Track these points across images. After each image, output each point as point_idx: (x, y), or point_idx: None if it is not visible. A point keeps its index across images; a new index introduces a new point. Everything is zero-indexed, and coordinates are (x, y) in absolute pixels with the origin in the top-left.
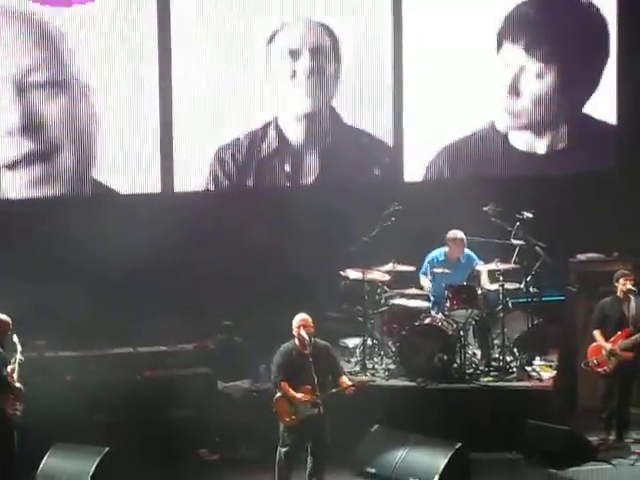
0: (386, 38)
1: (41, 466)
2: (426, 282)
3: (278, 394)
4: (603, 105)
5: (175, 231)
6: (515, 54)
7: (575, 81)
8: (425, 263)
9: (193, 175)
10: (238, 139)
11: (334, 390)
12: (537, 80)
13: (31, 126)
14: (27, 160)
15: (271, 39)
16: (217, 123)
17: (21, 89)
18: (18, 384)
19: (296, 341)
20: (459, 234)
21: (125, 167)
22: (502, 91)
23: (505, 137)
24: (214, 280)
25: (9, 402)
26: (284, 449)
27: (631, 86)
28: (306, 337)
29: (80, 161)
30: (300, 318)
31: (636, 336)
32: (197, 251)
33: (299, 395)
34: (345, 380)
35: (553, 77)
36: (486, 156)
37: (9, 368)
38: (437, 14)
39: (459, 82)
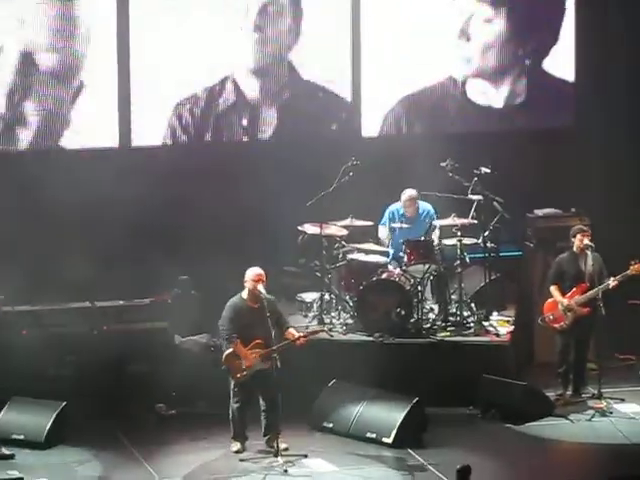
0: None
1: None
2: (384, 232)
3: (228, 350)
4: (561, 62)
5: (133, 186)
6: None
7: (528, 29)
8: (385, 215)
9: (151, 130)
10: (196, 94)
11: (285, 342)
12: (490, 27)
13: None
14: None
15: None
16: (175, 78)
17: None
18: None
19: (245, 295)
20: (413, 193)
21: (83, 122)
22: (455, 39)
23: (463, 90)
24: (172, 234)
25: None
26: (236, 404)
27: (589, 44)
28: (262, 291)
29: (39, 118)
30: (255, 272)
31: (592, 291)
32: (155, 205)
33: (250, 350)
34: (293, 332)
35: (504, 23)
36: (444, 110)
37: None
38: None
39: (417, 35)
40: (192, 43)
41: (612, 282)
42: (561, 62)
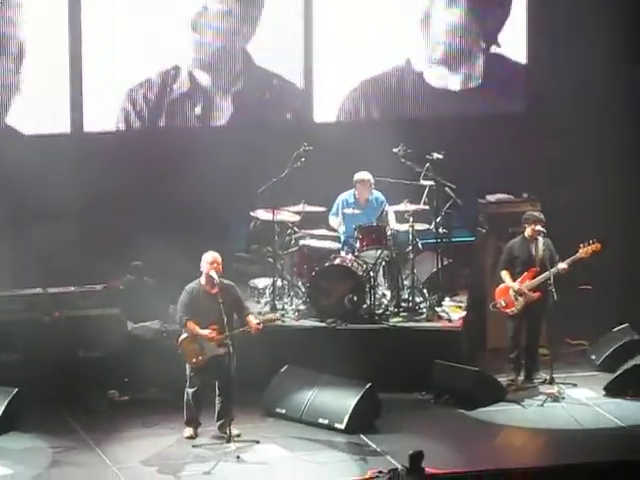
0: None
1: None
2: (335, 222)
3: (184, 335)
4: (514, 44)
5: (85, 172)
6: None
7: (485, 10)
8: (334, 205)
9: (103, 115)
10: (150, 79)
11: (241, 329)
12: (449, 8)
13: None
14: None
15: None
16: (128, 62)
17: None
18: None
19: (202, 280)
20: (366, 175)
21: (34, 107)
22: (415, 23)
23: (420, 74)
24: (124, 220)
25: None
26: (191, 390)
27: (540, 25)
28: (215, 277)
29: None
30: (210, 257)
31: (542, 276)
32: (107, 192)
33: (206, 332)
34: (252, 319)
35: (463, 6)
36: (400, 95)
37: None
38: None
39: (372, 19)
40: (145, 28)
41: (563, 265)
42: (514, 44)
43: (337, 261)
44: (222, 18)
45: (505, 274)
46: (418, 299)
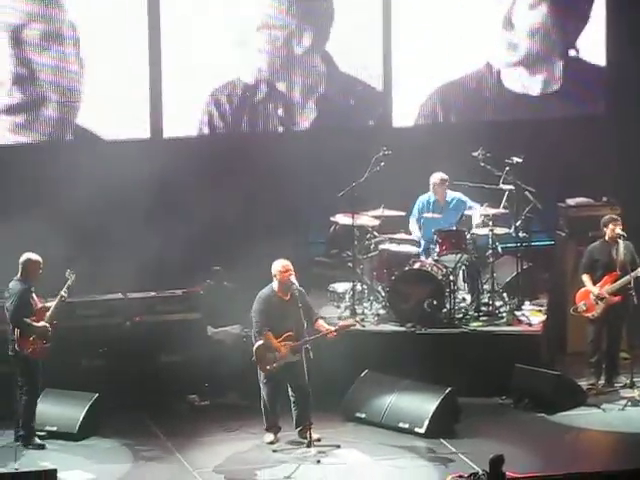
0: None
1: None
2: (414, 226)
3: (259, 342)
4: (593, 48)
5: (167, 176)
6: None
7: (567, 12)
8: (414, 207)
9: (185, 119)
10: (233, 82)
11: (315, 336)
12: (530, 11)
13: (23, 77)
14: (14, 108)
15: None
16: (210, 65)
17: (17, 41)
18: (42, 323)
19: (275, 287)
20: (441, 175)
21: (113, 112)
22: (496, 26)
23: (499, 78)
24: (205, 225)
25: (27, 343)
26: (267, 397)
27: (620, 28)
28: (295, 282)
29: (67, 108)
30: (282, 264)
31: (623, 279)
32: (189, 196)
33: (282, 342)
34: (323, 324)
35: (546, 7)
36: (479, 98)
37: (47, 305)
38: None
39: (452, 21)
40: (228, 30)
41: None
42: (593, 47)
43: (417, 265)
44: (303, 21)
45: (586, 278)
46: (498, 303)
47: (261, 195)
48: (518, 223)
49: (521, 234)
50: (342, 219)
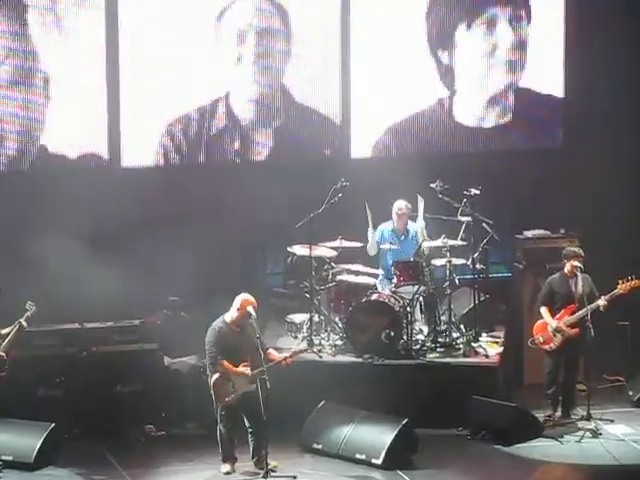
0: (334, 16)
1: None
2: (372, 238)
3: (216, 375)
4: (550, 79)
5: (122, 206)
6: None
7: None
8: (376, 233)
9: (141, 150)
10: (188, 114)
11: (272, 363)
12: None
13: None
14: None
15: (221, 15)
16: (166, 98)
17: None
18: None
19: (227, 318)
20: (403, 203)
21: (72, 141)
22: (444, 60)
23: (452, 113)
24: (161, 255)
25: None
26: (224, 428)
27: (579, 59)
28: (253, 314)
29: (27, 136)
30: (247, 298)
31: (581, 312)
32: (145, 226)
33: (241, 369)
34: (274, 353)
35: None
36: (433, 133)
37: (2, 333)
38: None
39: (406, 60)
40: (183, 63)
41: (602, 302)
42: (550, 79)
43: (374, 296)
44: (260, 55)
45: (545, 310)
46: (455, 335)
47: (217, 226)
48: (476, 255)
49: (478, 266)
50: (299, 250)
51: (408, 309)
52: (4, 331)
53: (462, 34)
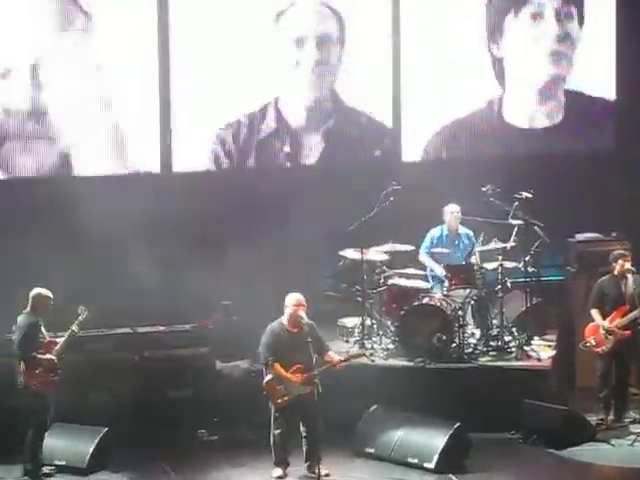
0: (385, 19)
1: None
2: (426, 258)
3: (268, 376)
4: (601, 81)
5: (174, 211)
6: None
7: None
8: (426, 240)
9: (193, 155)
10: (238, 120)
11: (325, 367)
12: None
13: (39, 110)
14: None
15: (277, 19)
16: (217, 103)
17: (36, 73)
18: (48, 355)
19: (284, 320)
20: (455, 207)
21: (124, 147)
22: (491, 65)
23: (502, 115)
24: (213, 259)
25: (33, 376)
26: (277, 431)
27: (630, 62)
28: (304, 316)
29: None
30: (295, 298)
31: (633, 313)
32: (196, 232)
33: (291, 375)
34: (333, 355)
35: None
36: (484, 135)
37: (56, 340)
38: None
39: (457, 63)
40: (236, 68)
41: None
42: (601, 81)
43: (425, 300)
44: (317, 60)
45: (595, 312)
46: (507, 338)
47: (270, 230)
48: (527, 258)
49: (530, 269)
50: (351, 254)
51: (460, 312)
52: (58, 339)
53: (510, 24)
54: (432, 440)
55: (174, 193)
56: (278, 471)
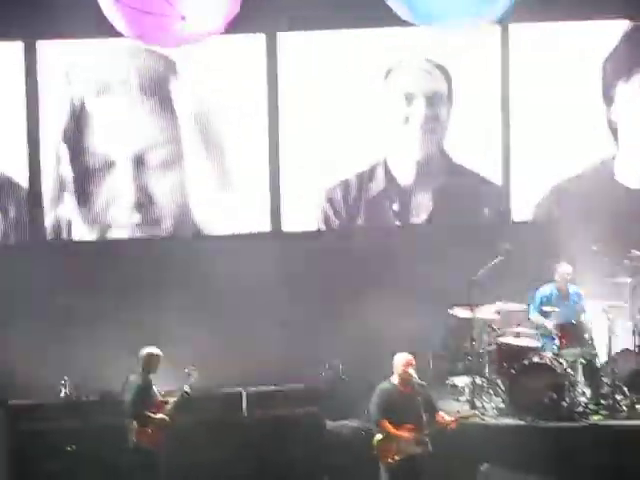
0: (495, 77)
1: None
2: (536, 317)
3: (379, 435)
4: None
5: (284, 270)
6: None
7: None
8: (536, 299)
9: (302, 215)
10: (348, 179)
11: (435, 427)
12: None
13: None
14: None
15: (386, 77)
16: (326, 163)
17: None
18: (160, 415)
19: (395, 380)
20: (568, 267)
21: (234, 207)
22: (606, 126)
23: (614, 175)
24: (322, 318)
25: (145, 435)
26: None
27: None
28: (414, 375)
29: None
30: (405, 357)
31: None
32: (306, 289)
33: (401, 434)
34: (443, 416)
35: None
36: (595, 194)
37: (167, 399)
38: (543, 51)
39: (569, 120)
40: (344, 127)
41: None
42: None
43: (536, 359)
44: (426, 117)
45: None
46: (618, 397)
47: (379, 288)
48: (638, 316)
49: None
50: (461, 312)
51: (570, 371)
52: (169, 399)
53: (623, 88)
54: None
55: (284, 252)
56: None
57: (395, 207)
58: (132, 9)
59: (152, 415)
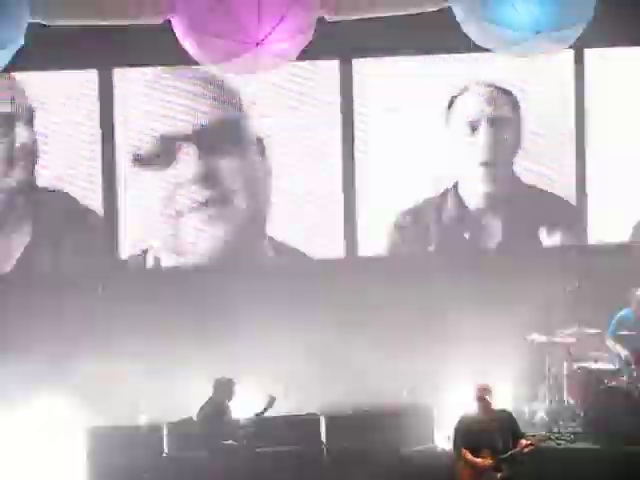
0: (568, 97)
1: None
2: (613, 341)
3: (460, 463)
4: None
5: (358, 295)
6: None
7: None
8: (613, 322)
9: (374, 241)
10: (419, 206)
11: (512, 451)
12: None
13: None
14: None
15: (451, 104)
16: (398, 189)
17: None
18: None
19: (475, 407)
20: None
21: (304, 231)
22: None
23: None
24: (399, 344)
25: None
26: None
27: None
28: (493, 403)
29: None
30: (482, 384)
31: None
32: (378, 314)
33: (481, 460)
34: (522, 442)
35: None
36: None
37: None
38: (619, 70)
39: None
40: (415, 154)
41: None
42: None
43: (613, 383)
44: (491, 143)
45: None
46: None
47: (452, 316)
48: None
49: None
50: (537, 337)
51: None
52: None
53: None
54: None
55: (358, 277)
56: None
57: (466, 234)
58: (206, 35)
59: None
